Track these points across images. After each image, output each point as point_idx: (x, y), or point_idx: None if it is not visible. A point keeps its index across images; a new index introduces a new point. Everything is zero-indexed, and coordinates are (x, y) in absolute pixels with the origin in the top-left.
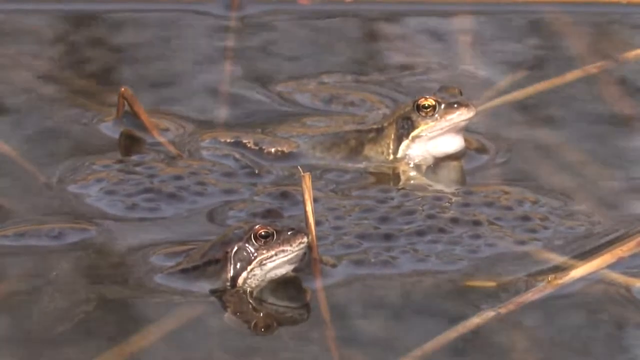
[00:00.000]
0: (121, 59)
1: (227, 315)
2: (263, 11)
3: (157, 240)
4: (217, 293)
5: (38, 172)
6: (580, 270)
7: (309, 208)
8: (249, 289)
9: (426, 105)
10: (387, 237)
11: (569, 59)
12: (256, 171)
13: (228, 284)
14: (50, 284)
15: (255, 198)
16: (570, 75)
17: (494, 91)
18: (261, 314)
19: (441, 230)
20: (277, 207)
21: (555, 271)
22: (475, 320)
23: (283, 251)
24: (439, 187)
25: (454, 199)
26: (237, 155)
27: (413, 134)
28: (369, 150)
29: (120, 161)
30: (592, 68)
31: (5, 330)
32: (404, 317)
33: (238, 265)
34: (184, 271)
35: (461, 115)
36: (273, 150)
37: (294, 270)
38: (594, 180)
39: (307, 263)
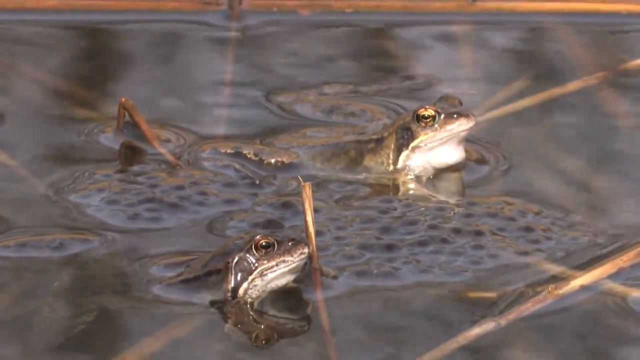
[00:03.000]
0: (121, 70)
1: (228, 327)
2: (263, 21)
3: (157, 250)
4: (218, 304)
5: (39, 182)
6: (581, 281)
7: (310, 218)
8: (249, 300)
9: (426, 115)
10: (389, 247)
11: (569, 69)
12: (257, 181)
13: (229, 294)
14: (51, 295)
15: (256, 208)
16: (571, 86)
17: (494, 101)
18: (262, 325)
19: (443, 241)
20: (278, 218)
21: (556, 281)
22: (476, 331)
23: (284, 261)
24: (439, 197)
25: (456, 209)
26: (238, 166)
27: (413, 144)
28: (369, 161)
29: (121, 171)
30: (592, 78)
31: (6, 341)
32: (405, 328)
33: (239, 276)
34: (185, 282)
35: (461, 126)
36: (273, 160)
37: (295, 281)
38: (595, 191)
39: (307, 274)
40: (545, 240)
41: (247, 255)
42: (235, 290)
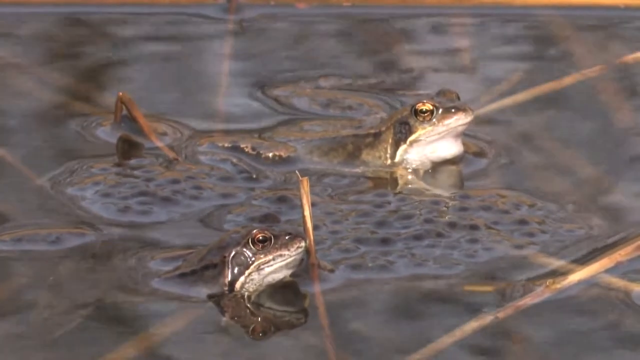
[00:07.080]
0: (119, 63)
1: (225, 320)
2: (261, 14)
3: (154, 244)
4: (215, 298)
5: (35, 176)
6: (578, 275)
7: (307, 212)
8: (246, 294)
9: (424, 109)
10: (385, 241)
11: (567, 62)
12: (254, 176)
13: (226, 288)
14: (48, 289)
15: (253, 202)
16: (569, 79)
17: (491, 95)
18: (259, 319)
19: (439, 235)
20: (275, 212)
21: (553, 275)
22: (473, 325)
23: (281, 255)
24: (436, 191)
25: (451, 203)
26: (235, 160)
27: (411, 138)
28: (367, 155)
29: (118, 165)
30: (590, 72)
31: (3, 335)
32: (401, 322)
33: (236, 270)
34: (182, 276)
35: (459, 120)
36: (271, 154)
37: (292, 274)
38: (592, 184)
39: (304, 268)
40: (540, 234)
41: (244, 250)
42: (232, 284)
